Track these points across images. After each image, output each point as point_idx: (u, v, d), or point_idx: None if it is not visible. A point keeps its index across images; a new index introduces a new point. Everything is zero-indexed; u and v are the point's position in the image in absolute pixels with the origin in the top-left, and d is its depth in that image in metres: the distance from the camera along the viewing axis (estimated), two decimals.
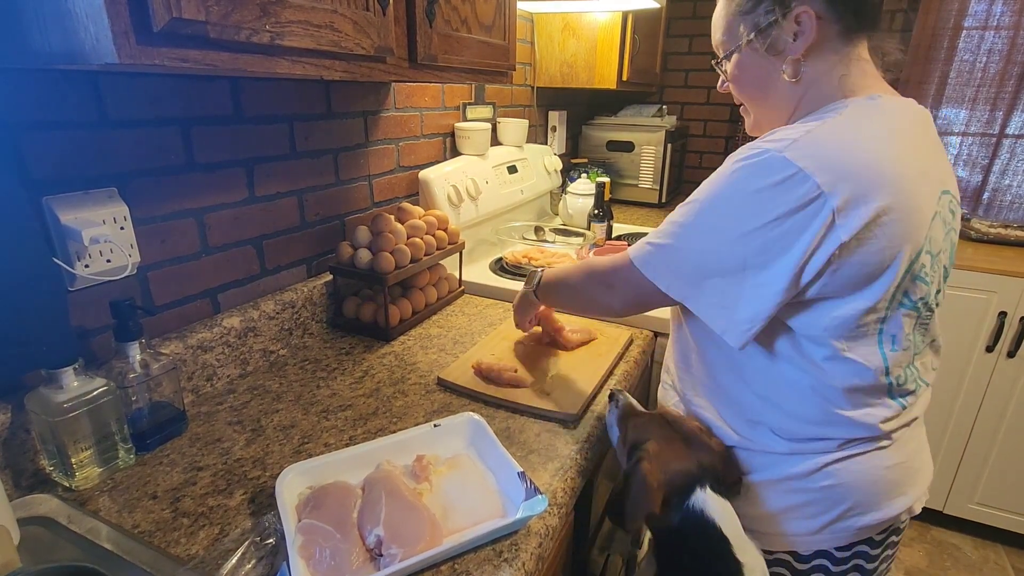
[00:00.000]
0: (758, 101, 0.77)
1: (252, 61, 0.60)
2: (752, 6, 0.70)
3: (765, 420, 0.75)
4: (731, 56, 0.74)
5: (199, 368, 0.93)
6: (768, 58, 0.71)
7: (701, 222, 0.69)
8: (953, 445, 1.92)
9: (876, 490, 0.74)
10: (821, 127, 0.64)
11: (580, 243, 1.72)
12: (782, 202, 0.61)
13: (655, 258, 0.74)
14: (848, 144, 0.63)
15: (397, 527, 0.63)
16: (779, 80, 0.72)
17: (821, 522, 0.74)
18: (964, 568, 1.91)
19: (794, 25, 0.68)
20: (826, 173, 0.60)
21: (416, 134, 1.45)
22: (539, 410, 0.91)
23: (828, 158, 0.61)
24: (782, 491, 0.75)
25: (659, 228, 0.75)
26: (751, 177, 0.64)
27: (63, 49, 0.51)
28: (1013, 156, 2.14)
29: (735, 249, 0.65)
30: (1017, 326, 1.74)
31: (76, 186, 0.77)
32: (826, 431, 0.72)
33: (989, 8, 2.06)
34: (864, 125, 0.66)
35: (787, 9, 0.67)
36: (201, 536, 0.66)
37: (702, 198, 0.69)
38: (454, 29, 0.96)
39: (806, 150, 0.61)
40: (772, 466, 0.75)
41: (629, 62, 1.94)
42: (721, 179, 0.67)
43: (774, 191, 0.62)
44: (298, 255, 1.16)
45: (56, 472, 0.73)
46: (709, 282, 0.68)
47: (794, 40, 0.68)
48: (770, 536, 0.77)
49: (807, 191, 0.60)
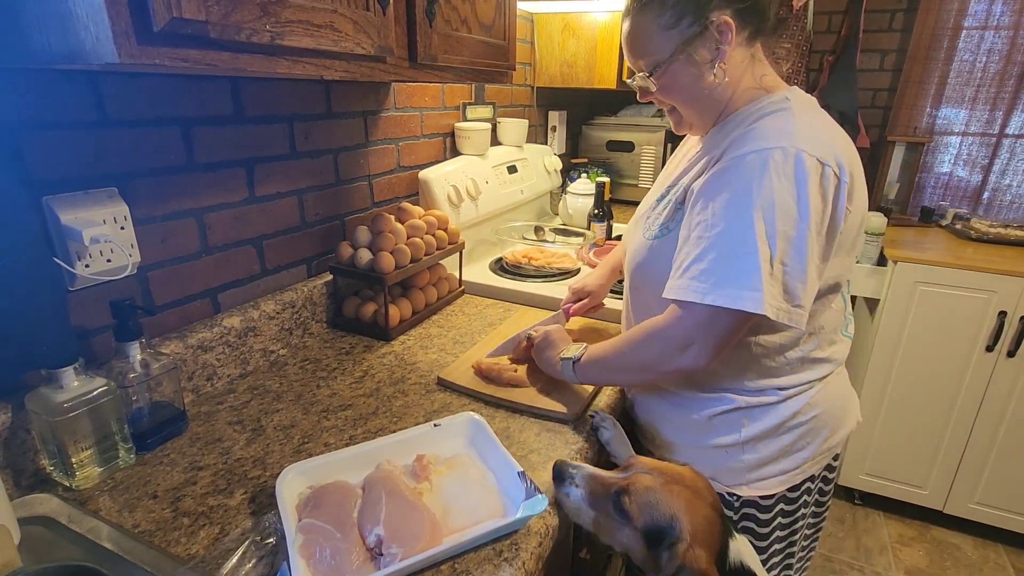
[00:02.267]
0: (690, 103, 0.83)
1: (252, 61, 0.60)
2: (674, 21, 0.76)
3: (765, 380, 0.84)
4: (659, 69, 0.79)
5: (199, 368, 0.93)
6: (697, 65, 0.78)
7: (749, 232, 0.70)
8: (953, 445, 1.92)
9: (840, 410, 0.91)
10: (797, 120, 0.75)
11: (580, 243, 1.72)
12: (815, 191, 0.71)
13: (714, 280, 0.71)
14: (828, 132, 0.76)
15: (397, 527, 0.63)
16: (708, 82, 0.79)
17: (811, 452, 0.87)
18: (964, 568, 1.91)
19: (715, 34, 0.75)
20: (831, 158, 0.71)
21: (416, 134, 1.45)
22: (539, 410, 0.91)
23: (825, 145, 0.73)
24: (781, 434, 0.85)
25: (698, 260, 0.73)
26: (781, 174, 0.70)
27: (63, 49, 0.51)
28: (1013, 156, 2.14)
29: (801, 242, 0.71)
30: (1017, 326, 1.74)
31: (76, 186, 0.77)
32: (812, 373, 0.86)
33: (989, 8, 2.06)
34: (815, 114, 0.79)
35: (708, 20, 0.75)
36: (201, 536, 0.66)
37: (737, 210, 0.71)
38: (454, 29, 0.96)
39: (813, 143, 0.71)
40: (771, 414, 0.84)
41: None
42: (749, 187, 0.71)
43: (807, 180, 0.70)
44: (298, 255, 1.16)
45: (56, 472, 0.73)
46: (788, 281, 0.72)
47: (719, 46, 0.76)
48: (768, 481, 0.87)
49: (828, 175, 0.71)
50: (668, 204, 0.85)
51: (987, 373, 1.82)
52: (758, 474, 0.86)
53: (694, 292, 0.72)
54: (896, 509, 2.13)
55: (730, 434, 0.85)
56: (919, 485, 2.02)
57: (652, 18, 0.77)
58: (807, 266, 0.71)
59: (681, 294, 0.74)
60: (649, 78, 0.81)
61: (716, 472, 0.87)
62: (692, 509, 0.63)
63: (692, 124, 0.87)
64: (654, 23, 0.77)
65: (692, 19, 0.75)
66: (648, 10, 0.77)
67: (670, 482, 0.66)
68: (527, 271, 1.47)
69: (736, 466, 0.86)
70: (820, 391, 0.86)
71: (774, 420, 0.84)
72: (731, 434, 0.85)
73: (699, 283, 0.72)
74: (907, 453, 2.00)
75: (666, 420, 0.92)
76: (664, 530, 0.62)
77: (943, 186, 2.30)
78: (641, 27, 0.78)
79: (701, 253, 0.73)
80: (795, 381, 0.84)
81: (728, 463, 0.86)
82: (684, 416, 0.89)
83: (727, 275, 0.70)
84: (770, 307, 0.69)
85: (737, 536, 0.66)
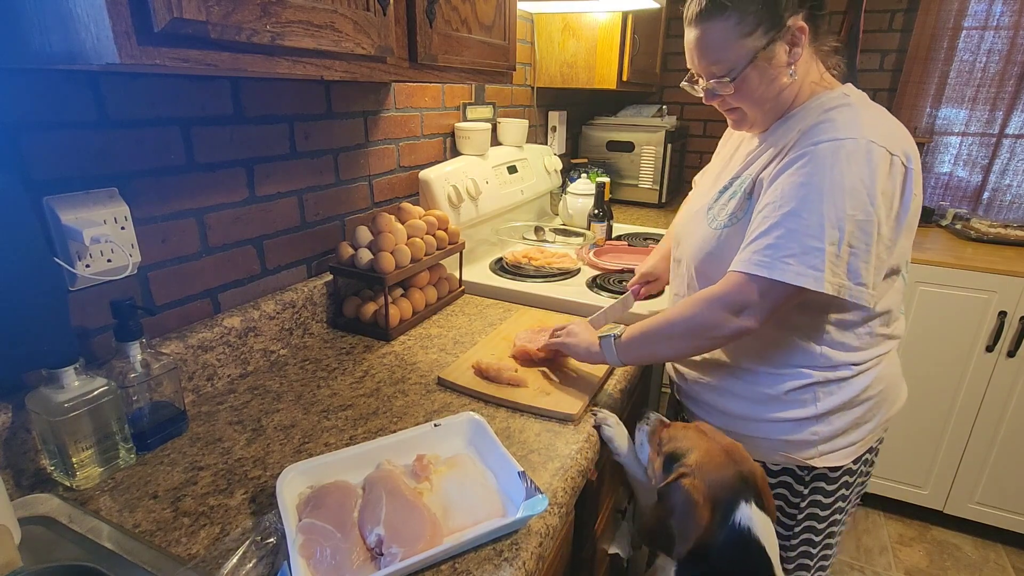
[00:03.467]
0: (761, 104, 0.86)
1: (252, 61, 0.60)
2: (752, 29, 0.79)
3: (841, 355, 0.88)
4: (734, 73, 0.82)
5: (200, 368, 0.93)
6: (773, 68, 0.82)
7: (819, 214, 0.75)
8: (953, 445, 1.92)
9: (897, 383, 0.96)
10: (864, 113, 0.80)
11: (580, 243, 1.72)
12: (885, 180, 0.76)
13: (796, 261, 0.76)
14: (890, 125, 0.81)
15: (398, 526, 0.63)
16: (782, 84, 0.84)
17: (875, 423, 0.92)
18: (964, 568, 1.91)
19: (790, 37, 0.80)
20: (898, 149, 0.77)
21: (416, 134, 1.45)
22: (539, 410, 0.91)
23: (891, 136, 0.78)
24: (855, 406, 0.89)
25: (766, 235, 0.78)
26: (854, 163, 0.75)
27: (64, 49, 0.51)
28: (1013, 156, 2.14)
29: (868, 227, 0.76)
30: (1017, 326, 1.74)
31: (77, 186, 0.77)
32: (878, 349, 0.91)
33: (989, 8, 2.06)
34: (875, 108, 0.83)
35: (784, 27, 0.79)
36: (202, 535, 0.66)
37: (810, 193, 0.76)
38: (454, 29, 0.96)
39: (881, 135, 0.77)
40: (847, 388, 0.88)
41: (629, 62, 1.94)
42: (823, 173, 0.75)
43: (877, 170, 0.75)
44: (298, 255, 1.16)
45: (57, 472, 0.73)
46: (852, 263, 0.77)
47: (790, 50, 0.81)
48: (840, 452, 0.91)
49: (897, 165, 0.77)
50: (735, 195, 0.89)
51: (987, 373, 1.82)
52: (831, 446, 0.90)
53: (757, 265, 0.78)
54: (896, 509, 2.13)
55: (805, 407, 0.89)
56: (919, 485, 2.02)
57: (730, 25, 0.79)
58: (873, 248, 0.76)
59: (745, 267, 0.79)
60: (726, 82, 0.83)
61: (788, 445, 0.91)
62: (710, 456, 0.70)
63: (755, 123, 0.90)
64: (732, 30, 0.79)
65: (770, 25, 0.79)
66: (724, 17, 0.79)
67: (704, 435, 0.75)
68: (527, 271, 1.48)
69: (809, 438, 0.90)
70: (885, 366, 0.92)
71: (848, 394, 0.89)
72: (806, 407, 0.89)
73: (763, 256, 0.77)
74: (907, 453, 2.00)
75: (733, 395, 0.95)
76: (676, 456, 0.72)
77: (943, 186, 2.30)
78: (716, 33, 0.80)
79: (768, 229, 0.78)
80: (866, 356, 0.89)
81: (800, 435, 0.90)
82: (756, 391, 0.92)
83: (791, 252, 0.76)
84: (830, 285, 0.75)
85: (756, 508, 0.67)
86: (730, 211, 0.89)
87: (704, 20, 0.81)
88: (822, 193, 0.75)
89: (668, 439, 0.76)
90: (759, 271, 0.78)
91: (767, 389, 0.91)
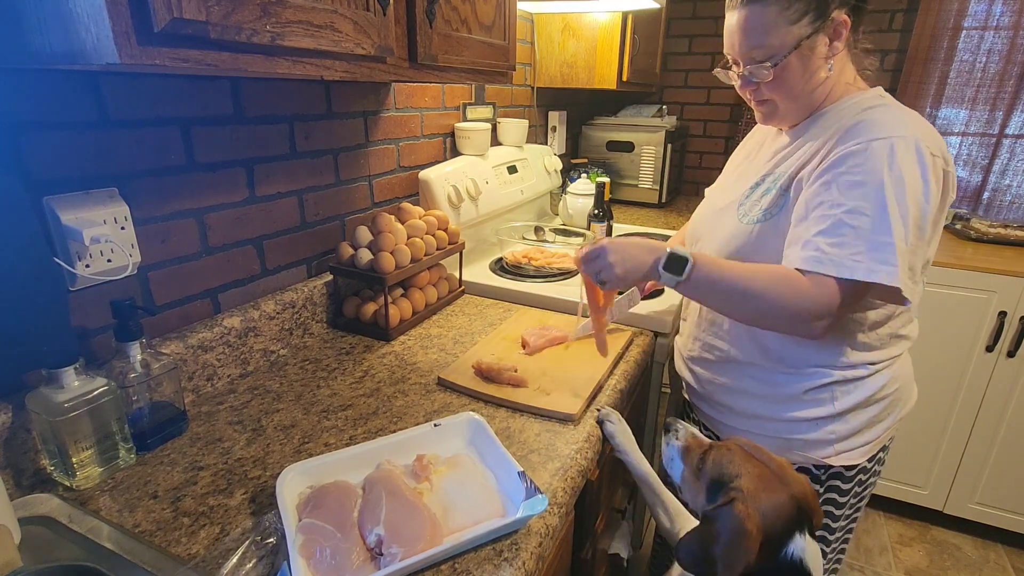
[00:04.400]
0: (796, 97, 0.85)
1: (252, 61, 0.60)
2: (798, 16, 0.78)
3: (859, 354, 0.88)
4: (775, 60, 0.81)
5: (200, 368, 0.93)
6: (813, 59, 0.81)
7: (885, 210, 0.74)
8: (953, 445, 1.92)
9: (910, 382, 0.96)
10: (904, 115, 0.80)
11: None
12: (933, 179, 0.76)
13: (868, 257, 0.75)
14: (927, 127, 0.80)
15: (397, 526, 0.63)
16: (819, 77, 0.83)
17: (890, 422, 0.92)
18: (964, 568, 1.91)
19: (832, 31, 0.80)
20: (939, 150, 0.78)
21: (416, 134, 1.45)
22: (539, 410, 0.91)
23: (932, 138, 0.78)
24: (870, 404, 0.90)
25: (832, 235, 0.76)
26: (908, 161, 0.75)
27: (64, 49, 0.51)
28: (1013, 156, 2.14)
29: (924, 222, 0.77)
30: (1017, 326, 1.74)
31: (77, 186, 0.77)
32: (897, 348, 0.91)
33: (989, 8, 2.06)
34: (912, 111, 0.82)
35: (827, 18, 0.79)
36: (202, 535, 0.66)
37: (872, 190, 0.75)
38: (454, 29, 0.96)
39: (924, 136, 0.77)
40: (863, 387, 0.89)
41: (629, 62, 1.94)
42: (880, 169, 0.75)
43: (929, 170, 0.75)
44: (298, 255, 1.16)
45: (57, 472, 0.73)
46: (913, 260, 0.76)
47: (830, 43, 0.81)
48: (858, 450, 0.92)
49: (939, 167, 0.77)
50: (768, 191, 0.88)
51: (987, 373, 1.82)
52: (847, 444, 0.91)
53: (832, 264, 0.75)
54: (896, 509, 2.13)
55: (823, 406, 0.89)
56: (919, 485, 2.02)
57: (778, 10, 0.78)
58: (924, 245, 0.78)
59: (818, 266, 0.75)
60: (765, 67, 0.82)
61: (805, 444, 0.91)
62: (763, 482, 0.64)
63: (785, 116, 0.89)
64: (779, 16, 0.78)
65: (816, 15, 0.78)
66: (773, 1, 0.78)
67: (752, 457, 0.68)
68: (527, 271, 1.48)
69: (826, 437, 0.90)
70: (900, 366, 0.92)
71: (865, 392, 0.89)
72: (824, 406, 0.89)
73: (836, 255, 0.75)
74: (907, 453, 2.00)
75: (750, 395, 0.95)
76: (724, 482, 0.66)
77: None
78: (763, 18, 0.79)
79: (830, 228, 0.76)
80: (884, 356, 0.89)
81: (818, 434, 0.90)
82: (774, 391, 0.92)
83: (863, 249, 0.74)
84: (901, 281, 0.73)
85: (809, 539, 0.63)
86: (764, 207, 0.88)
87: (751, 2, 0.79)
88: (883, 189, 0.74)
89: (713, 463, 0.69)
90: (835, 272, 0.74)
91: (785, 389, 0.91)
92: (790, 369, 0.91)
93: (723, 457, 0.68)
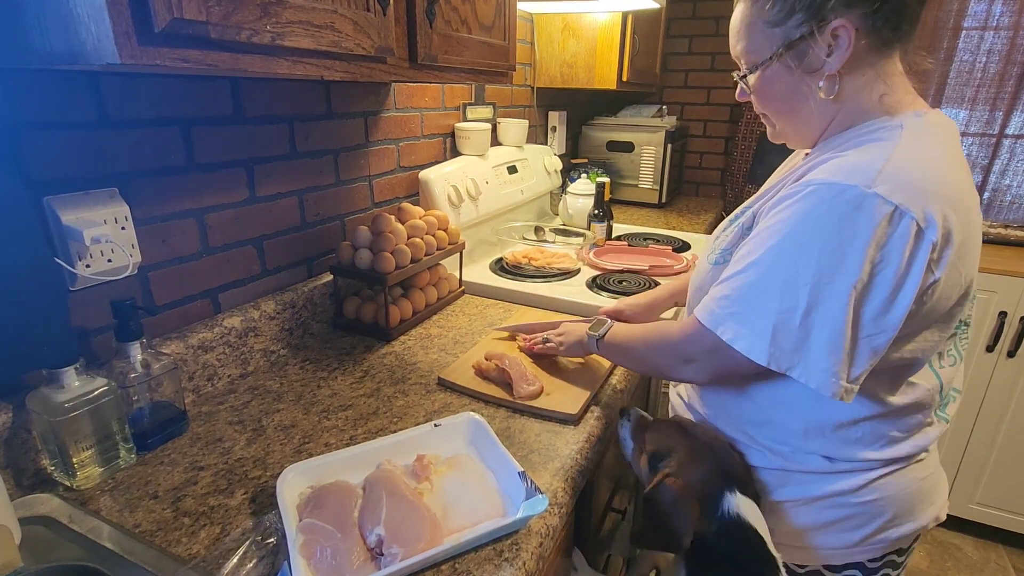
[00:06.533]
0: (785, 116, 0.73)
1: (253, 61, 0.60)
2: (783, 17, 0.64)
3: (814, 447, 0.72)
4: (756, 71, 0.69)
5: (200, 368, 0.93)
6: (800, 75, 0.66)
7: (783, 272, 0.62)
8: (953, 445, 1.92)
9: (913, 501, 0.75)
10: (896, 153, 0.60)
11: (580, 243, 1.72)
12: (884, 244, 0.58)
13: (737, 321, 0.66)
14: (936, 175, 0.61)
15: (398, 526, 0.63)
16: (812, 97, 0.67)
17: (860, 535, 0.74)
18: (964, 568, 1.91)
19: (829, 39, 0.63)
20: (918, 207, 0.57)
21: (416, 134, 1.45)
22: (539, 410, 0.91)
23: (920, 191, 0.58)
24: (821, 507, 0.74)
25: (727, 283, 0.67)
26: (843, 218, 0.58)
27: (64, 49, 0.51)
28: (1013, 156, 2.14)
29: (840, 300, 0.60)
30: (1017, 326, 1.74)
31: (77, 186, 0.77)
32: (880, 453, 0.71)
33: (989, 8, 2.06)
34: (929, 148, 0.63)
35: (823, 23, 0.62)
36: (202, 535, 0.66)
37: (780, 245, 0.63)
38: (454, 29, 0.96)
39: (900, 185, 0.58)
40: (813, 484, 0.73)
41: (629, 62, 1.94)
42: (802, 223, 0.61)
43: (871, 231, 0.57)
44: (298, 255, 1.16)
45: (57, 472, 0.73)
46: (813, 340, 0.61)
47: (828, 56, 0.64)
48: (803, 550, 0.77)
49: (905, 229, 0.57)
50: (735, 228, 0.76)
51: (987, 373, 1.82)
52: (792, 540, 0.76)
53: (708, 315, 0.68)
54: None
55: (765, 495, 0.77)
56: None
57: (759, 8, 0.66)
58: (842, 326, 0.60)
59: (699, 313, 0.70)
60: (743, 77, 0.71)
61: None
62: (692, 454, 0.73)
63: (787, 136, 0.76)
64: (760, 14, 0.66)
65: (804, 17, 0.63)
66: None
67: (686, 432, 0.77)
68: (527, 271, 1.48)
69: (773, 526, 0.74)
70: (890, 476, 0.73)
71: (815, 491, 0.74)
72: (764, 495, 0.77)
73: (716, 308, 0.68)
74: None
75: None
76: (660, 455, 0.74)
77: None
78: (748, 16, 0.68)
79: (729, 277, 0.67)
80: (849, 455, 0.72)
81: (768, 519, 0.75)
82: None
83: (740, 310, 0.65)
84: (770, 356, 0.62)
85: (740, 496, 0.69)
86: (724, 246, 0.76)
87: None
88: (794, 249, 0.61)
89: (652, 439, 0.77)
90: (707, 322, 0.68)
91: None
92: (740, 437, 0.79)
93: (660, 433, 0.78)
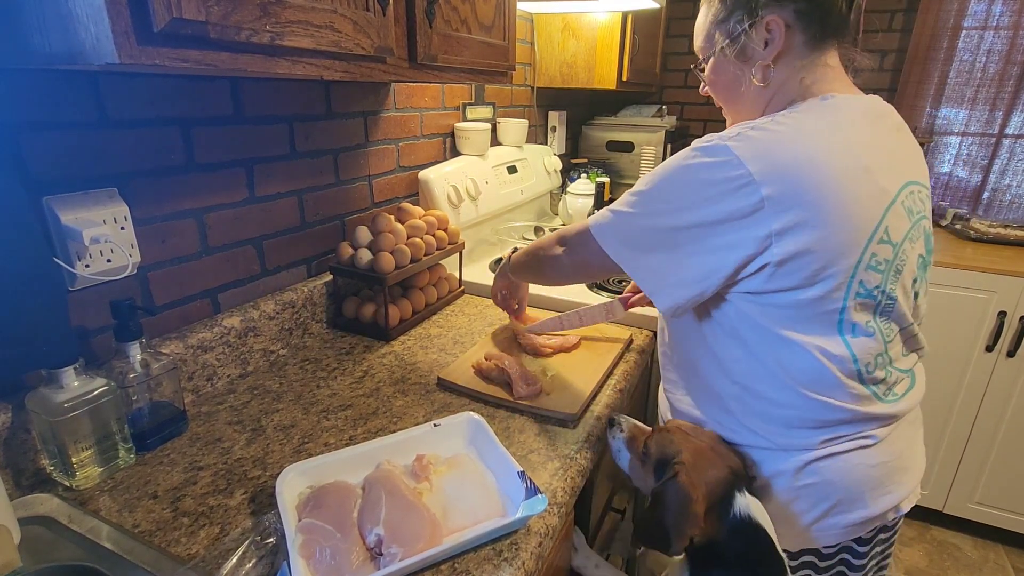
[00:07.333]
0: (730, 103, 0.83)
1: (252, 61, 0.60)
2: (726, 15, 0.75)
3: (747, 418, 0.76)
4: (708, 61, 0.80)
5: (199, 368, 0.93)
6: (739, 64, 0.76)
7: (653, 200, 0.72)
8: (953, 445, 1.92)
9: (861, 488, 0.75)
10: (785, 125, 0.67)
11: None
12: (723, 198, 0.65)
13: (611, 226, 0.76)
14: (786, 140, 0.66)
15: (397, 526, 0.63)
16: (748, 84, 0.77)
17: (806, 520, 0.76)
18: (964, 568, 1.91)
19: (764, 33, 0.72)
20: (759, 163, 0.64)
21: (416, 134, 1.45)
22: (539, 410, 0.91)
23: (778, 153, 0.65)
24: (770, 489, 0.76)
25: (621, 198, 0.77)
26: (700, 166, 0.67)
27: (63, 49, 0.51)
28: (1013, 156, 2.14)
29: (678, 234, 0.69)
30: (1017, 326, 1.74)
31: (76, 186, 0.77)
32: (807, 424, 0.73)
33: (988, 8, 2.06)
34: (807, 122, 0.68)
35: (757, 18, 0.72)
36: (201, 535, 0.66)
37: (659, 177, 0.72)
38: (454, 29, 0.96)
39: (759, 145, 0.65)
40: (762, 463, 0.76)
41: (629, 62, 1.94)
42: (675, 162, 0.71)
43: (717, 180, 0.66)
44: (298, 255, 1.16)
45: (57, 472, 0.73)
46: (651, 256, 0.72)
47: (764, 47, 0.73)
48: None
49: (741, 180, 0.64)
50: None
51: (987, 373, 1.82)
52: None
53: (594, 215, 0.80)
54: None
55: None
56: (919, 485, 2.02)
57: (709, 8, 0.77)
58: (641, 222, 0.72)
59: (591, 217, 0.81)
60: (701, 71, 0.82)
61: None
62: (700, 454, 0.72)
63: (734, 123, 0.81)
64: (710, 14, 0.77)
65: (741, 14, 0.73)
66: (708, 1, 0.78)
67: (689, 435, 0.75)
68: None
69: None
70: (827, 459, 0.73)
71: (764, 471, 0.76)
72: None
73: (602, 211, 0.79)
74: None
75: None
76: (667, 460, 0.72)
77: (943, 186, 2.30)
78: (703, 17, 0.79)
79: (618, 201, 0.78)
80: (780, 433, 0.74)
81: None
82: None
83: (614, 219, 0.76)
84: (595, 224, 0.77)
85: (748, 495, 0.70)
86: None
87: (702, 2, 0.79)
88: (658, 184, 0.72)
89: (657, 444, 0.75)
90: (591, 223, 0.80)
91: None
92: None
93: (664, 439, 0.76)
